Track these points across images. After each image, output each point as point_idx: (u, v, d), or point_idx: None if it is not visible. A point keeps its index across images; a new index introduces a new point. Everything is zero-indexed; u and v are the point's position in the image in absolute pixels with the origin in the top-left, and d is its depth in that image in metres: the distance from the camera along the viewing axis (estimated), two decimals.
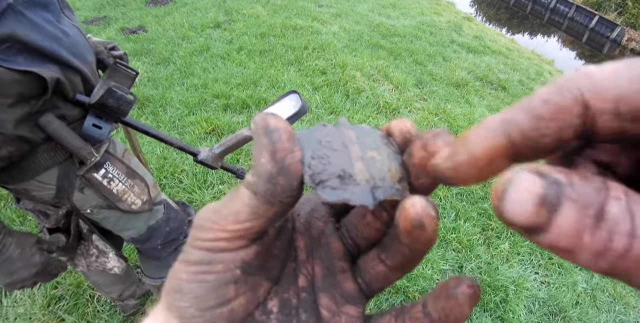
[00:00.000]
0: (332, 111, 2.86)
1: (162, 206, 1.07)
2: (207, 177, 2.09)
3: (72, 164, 0.87)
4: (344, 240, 0.24)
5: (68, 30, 0.80)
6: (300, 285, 0.23)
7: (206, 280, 0.19)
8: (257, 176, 0.18)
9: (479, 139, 0.15)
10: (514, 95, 3.99)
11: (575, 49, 10.53)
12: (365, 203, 0.18)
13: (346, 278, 0.23)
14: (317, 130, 0.22)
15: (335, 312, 0.22)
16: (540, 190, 0.12)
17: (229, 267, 0.20)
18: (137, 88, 2.82)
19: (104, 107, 0.83)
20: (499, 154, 0.14)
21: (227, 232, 0.19)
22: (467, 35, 5.35)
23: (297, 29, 4.11)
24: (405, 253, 0.21)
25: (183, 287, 0.20)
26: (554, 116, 0.13)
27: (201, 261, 0.19)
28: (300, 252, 0.24)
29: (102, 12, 4.35)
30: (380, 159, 0.20)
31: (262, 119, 0.19)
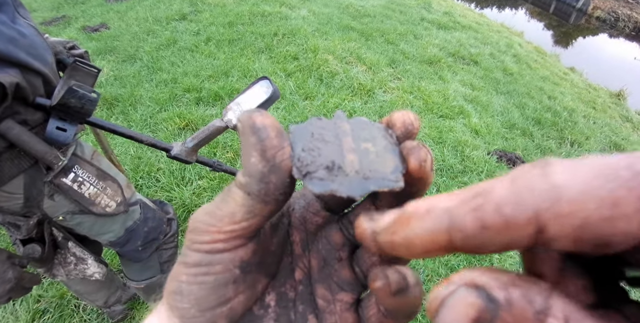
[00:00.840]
0: (306, 96, 2.84)
1: (138, 206, 1.05)
2: (184, 174, 2.05)
3: (38, 171, 0.83)
4: (343, 231, 0.24)
5: (24, 30, 0.76)
6: (296, 279, 0.24)
7: (206, 281, 0.20)
8: (249, 176, 0.18)
9: (420, 229, 0.14)
10: (486, 69, 4.02)
11: (543, 20, 10.66)
12: (352, 194, 0.18)
13: (343, 266, 0.23)
14: (311, 124, 0.21)
15: (330, 300, 0.23)
16: (474, 313, 0.12)
17: (228, 267, 0.20)
18: (104, 88, 2.73)
19: (66, 107, 0.80)
20: (435, 247, 0.14)
21: (224, 233, 0.19)
22: (436, 12, 5.35)
23: (266, 15, 4.02)
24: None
25: (183, 289, 0.20)
26: (501, 232, 0.12)
27: (200, 263, 0.19)
28: (296, 246, 0.24)
29: (60, 11, 4.16)
30: (375, 150, 0.20)
31: (248, 117, 0.18)
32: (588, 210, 0.11)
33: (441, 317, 0.13)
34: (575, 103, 4.10)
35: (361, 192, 0.18)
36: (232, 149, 2.26)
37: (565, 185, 0.11)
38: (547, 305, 0.12)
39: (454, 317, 0.12)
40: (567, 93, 4.30)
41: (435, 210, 0.14)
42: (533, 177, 0.12)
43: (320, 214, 0.24)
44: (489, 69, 4.04)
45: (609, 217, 0.11)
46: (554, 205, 0.11)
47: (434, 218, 0.14)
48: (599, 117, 4.01)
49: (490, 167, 2.52)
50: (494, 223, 0.12)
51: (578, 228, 0.11)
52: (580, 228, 0.11)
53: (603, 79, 5.56)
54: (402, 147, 0.20)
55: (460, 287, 0.13)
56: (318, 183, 0.18)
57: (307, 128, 0.21)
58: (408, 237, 0.14)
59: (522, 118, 3.41)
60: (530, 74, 4.39)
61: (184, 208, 1.88)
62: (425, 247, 0.14)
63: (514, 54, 4.76)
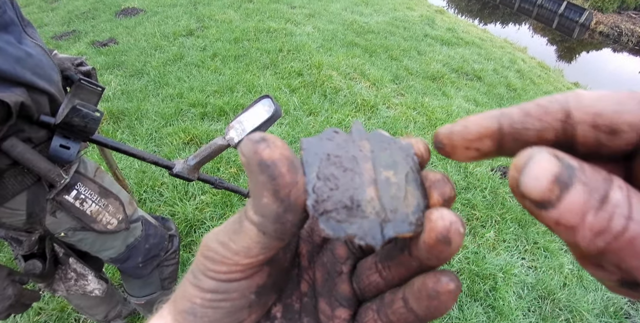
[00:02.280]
0: (310, 112, 2.86)
1: (139, 223, 1.05)
2: (188, 189, 2.06)
3: (41, 188, 0.84)
4: (348, 244, 0.23)
5: (31, 50, 0.78)
6: (302, 290, 0.23)
7: (221, 306, 0.19)
8: (262, 216, 0.17)
9: (477, 119, 0.18)
10: (490, 84, 4.04)
11: (546, 35, 10.74)
12: (371, 243, 0.17)
13: (343, 280, 0.23)
14: (326, 138, 0.19)
15: (329, 316, 0.22)
16: (556, 169, 0.14)
17: (245, 293, 0.20)
18: (111, 102, 2.77)
19: (70, 126, 0.81)
20: (487, 133, 0.17)
21: (241, 266, 0.19)
22: (440, 28, 5.41)
23: (271, 31, 4.09)
24: (412, 266, 0.20)
25: (197, 311, 0.19)
26: (540, 116, 0.16)
27: (217, 290, 0.19)
28: (303, 258, 0.24)
29: (71, 26, 4.26)
30: (396, 181, 0.18)
31: (253, 152, 0.17)
32: (602, 104, 0.15)
33: (526, 172, 0.14)
34: None
35: (382, 240, 0.17)
36: (235, 165, 2.27)
37: (587, 93, 0.16)
38: (610, 176, 0.14)
39: (538, 172, 0.14)
40: None
41: (489, 111, 0.18)
42: (566, 92, 0.16)
43: None
44: (493, 85, 4.06)
45: (617, 110, 0.15)
46: (579, 101, 0.16)
47: (489, 113, 0.18)
48: None
49: (494, 184, 2.51)
50: (535, 111, 0.16)
51: (595, 115, 0.15)
52: (596, 115, 0.15)
53: None
54: (425, 177, 0.19)
55: (542, 151, 0.14)
56: (335, 226, 0.17)
57: (322, 145, 0.19)
58: (466, 125, 0.18)
59: None
60: (534, 89, 4.40)
61: (187, 223, 1.88)
62: (478, 132, 0.17)
63: (517, 70, 4.78)
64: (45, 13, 4.69)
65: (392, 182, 0.18)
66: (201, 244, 0.20)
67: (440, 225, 0.16)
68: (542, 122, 0.16)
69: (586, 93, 0.16)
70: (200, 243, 0.21)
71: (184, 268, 1.70)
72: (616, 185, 0.13)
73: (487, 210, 2.30)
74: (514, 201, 2.45)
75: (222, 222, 1.90)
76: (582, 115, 0.15)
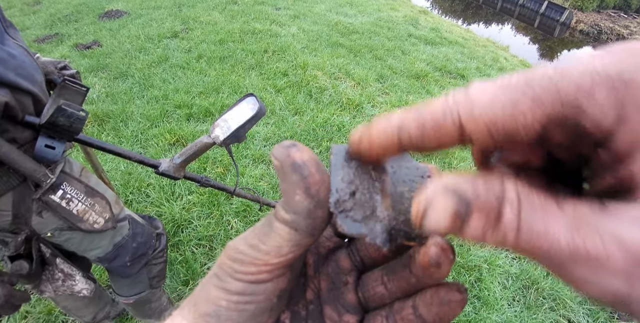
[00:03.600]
0: (296, 112, 2.88)
1: (126, 222, 1.06)
2: (174, 189, 2.07)
3: (27, 188, 0.85)
4: (352, 257, 0.25)
5: (13, 51, 0.79)
6: (308, 298, 0.25)
7: (247, 309, 0.20)
8: (295, 213, 0.19)
9: (379, 131, 0.18)
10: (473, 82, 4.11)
11: (529, 34, 10.94)
12: (379, 244, 0.19)
13: (349, 290, 0.24)
14: None
15: (337, 321, 0.24)
16: (453, 207, 0.15)
17: (269, 297, 0.21)
18: (95, 104, 2.75)
19: (55, 126, 0.82)
20: (390, 147, 0.18)
21: (271, 266, 0.20)
22: (423, 28, 5.48)
23: (256, 33, 4.10)
24: (412, 282, 0.22)
25: (221, 314, 0.20)
26: (435, 132, 0.16)
27: (244, 292, 0.20)
28: (309, 267, 0.25)
29: (53, 29, 4.21)
30: (409, 197, 0.20)
31: (286, 155, 0.19)
32: (494, 113, 0.15)
33: (429, 219, 0.15)
34: None
35: (389, 244, 0.19)
36: (222, 164, 2.28)
37: (478, 94, 0.16)
38: (502, 188, 0.15)
39: (438, 216, 0.15)
40: None
41: (391, 118, 0.18)
42: (458, 93, 0.16)
43: (332, 239, 0.26)
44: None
45: (511, 114, 0.15)
46: (470, 110, 0.16)
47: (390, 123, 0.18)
48: None
49: None
50: (430, 127, 0.16)
51: (489, 124, 0.15)
52: (490, 124, 0.15)
53: None
54: None
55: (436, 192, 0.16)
56: (351, 225, 0.19)
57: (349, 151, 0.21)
58: (371, 136, 0.19)
59: None
60: None
61: (174, 223, 1.89)
62: (381, 145, 0.18)
63: (499, 68, 4.87)
64: (27, 16, 4.63)
65: (406, 197, 0.20)
66: (226, 248, 0.21)
67: (433, 251, 0.19)
68: (438, 137, 0.17)
69: (478, 93, 0.16)
70: (224, 247, 0.22)
71: (171, 267, 1.71)
72: (507, 201, 0.15)
73: None
74: None
75: (209, 221, 1.91)
76: (475, 127, 0.16)
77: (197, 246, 1.83)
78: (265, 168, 2.33)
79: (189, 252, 1.79)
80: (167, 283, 1.64)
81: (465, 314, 1.75)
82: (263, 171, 2.29)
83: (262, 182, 2.21)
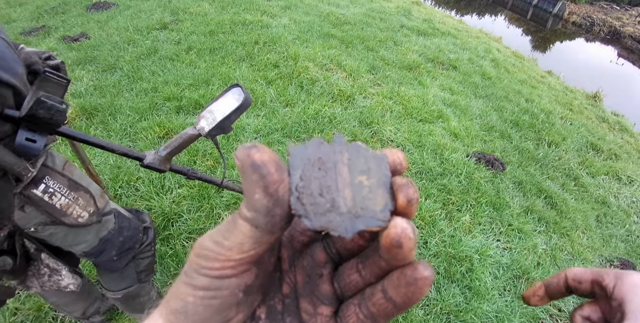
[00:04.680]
0: (287, 103, 2.86)
1: (112, 216, 1.05)
2: (164, 182, 2.05)
3: (7, 182, 0.83)
4: (327, 250, 0.26)
5: None
6: (284, 292, 0.25)
7: (212, 304, 0.21)
8: (255, 211, 0.20)
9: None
10: (465, 73, 4.11)
11: (521, 25, 10.92)
12: (343, 234, 0.19)
13: (324, 281, 0.25)
14: (311, 146, 0.22)
15: (312, 314, 0.24)
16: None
17: (234, 291, 0.21)
18: (83, 98, 2.71)
19: (35, 118, 0.80)
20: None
21: (233, 261, 0.20)
22: (416, 19, 5.45)
23: (247, 24, 4.05)
24: (382, 266, 0.22)
25: (189, 309, 0.21)
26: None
27: (209, 287, 0.21)
28: (284, 262, 0.26)
29: (40, 21, 4.13)
30: (368, 185, 0.21)
31: (246, 155, 0.19)
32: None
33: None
34: (553, 105, 4.20)
35: (352, 231, 0.19)
36: (212, 157, 2.27)
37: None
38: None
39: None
40: (545, 95, 4.41)
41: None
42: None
43: (306, 233, 0.26)
44: (468, 74, 4.13)
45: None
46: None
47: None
48: (576, 118, 4.12)
49: (469, 169, 2.57)
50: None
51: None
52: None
53: (580, 82, 5.72)
54: (393, 182, 0.22)
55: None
56: (313, 219, 0.19)
57: (307, 151, 0.22)
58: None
59: (501, 121, 3.49)
60: (509, 77, 4.49)
61: (164, 216, 1.87)
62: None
63: (492, 59, 4.87)
64: (13, 8, 4.53)
65: (364, 185, 0.21)
66: (194, 246, 0.22)
67: (393, 232, 0.19)
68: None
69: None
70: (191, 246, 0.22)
71: (162, 261, 1.70)
72: None
73: (463, 195, 2.36)
74: (488, 185, 2.52)
75: (199, 214, 1.90)
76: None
77: (187, 239, 1.82)
78: None
79: (179, 246, 1.78)
80: (157, 277, 1.63)
81: (456, 304, 1.77)
82: None
83: None
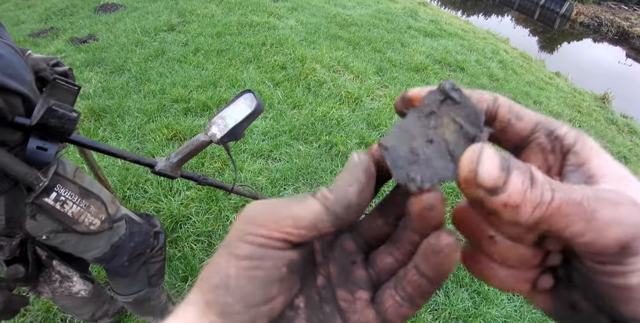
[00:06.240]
0: (294, 105, 2.86)
1: (123, 221, 1.05)
2: (172, 185, 2.05)
3: (19, 192, 0.83)
4: (356, 240, 0.26)
5: (1, 50, 0.76)
6: (319, 284, 0.25)
7: (256, 276, 0.20)
8: (337, 197, 0.20)
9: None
10: (473, 75, 4.08)
11: (529, 26, 10.86)
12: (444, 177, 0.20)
13: (358, 267, 0.25)
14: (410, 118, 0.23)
15: (350, 300, 0.24)
16: (499, 160, 0.17)
17: (277, 264, 0.20)
18: (91, 99, 2.72)
19: (46, 127, 0.80)
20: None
21: (281, 233, 0.20)
22: (423, 20, 5.42)
23: (254, 25, 4.05)
24: (415, 240, 0.23)
25: (231, 283, 0.19)
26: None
27: (252, 256, 0.20)
28: (317, 254, 0.26)
29: (48, 23, 4.15)
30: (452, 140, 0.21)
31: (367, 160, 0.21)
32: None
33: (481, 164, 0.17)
34: (561, 107, 4.17)
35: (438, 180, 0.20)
36: (220, 159, 2.27)
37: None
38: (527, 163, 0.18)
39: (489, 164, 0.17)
40: (553, 97, 4.38)
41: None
42: None
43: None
44: (476, 75, 4.10)
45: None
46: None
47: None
48: (585, 120, 4.09)
49: None
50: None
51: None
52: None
53: (588, 83, 5.68)
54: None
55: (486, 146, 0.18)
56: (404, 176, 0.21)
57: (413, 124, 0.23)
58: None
59: None
60: (516, 79, 4.46)
61: (172, 219, 1.88)
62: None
63: (499, 60, 4.84)
64: (22, 10, 4.57)
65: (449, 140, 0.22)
66: (242, 213, 0.21)
67: (425, 195, 0.20)
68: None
69: None
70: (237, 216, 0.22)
71: (170, 264, 1.70)
72: (534, 168, 0.17)
73: None
74: None
75: (207, 217, 1.90)
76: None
77: (195, 242, 1.82)
78: (264, 163, 2.31)
79: (188, 248, 1.78)
80: (165, 280, 1.63)
81: (465, 309, 1.75)
82: (262, 166, 2.28)
83: (260, 177, 2.19)
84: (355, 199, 0.20)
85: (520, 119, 0.22)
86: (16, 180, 0.80)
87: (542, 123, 0.22)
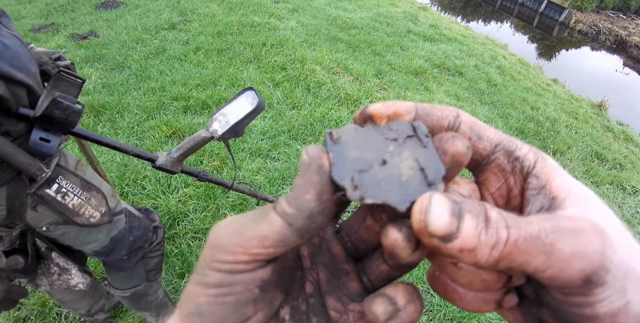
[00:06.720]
0: (294, 106, 2.87)
1: (123, 215, 1.05)
2: (170, 181, 2.05)
3: (21, 182, 0.83)
4: (343, 244, 0.25)
5: (7, 41, 0.77)
6: (307, 292, 0.24)
7: (226, 302, 0.19)
8: (297, 210, 0.19)
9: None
10: (471, 80, 4.11)
11: (527, 33, 10.92)
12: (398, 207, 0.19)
13: (351, 278, 0.24)
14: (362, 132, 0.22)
15: (342, 311, 0.23)
16: (450, 206, 0.16)
17: (248, 287, 0.20)
18: (91, 95, 2.73)
19: (50, 119, 0.80)
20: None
21: (249, 255, 0.19)
22: (423, 25, 5.46)
23: (254, 26, 4.07)
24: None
25: (203, 310, 0.19)
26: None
27: (221, 283, 0.19)
28: (305, 259, 0.25)
29: (49, 19, 4.15)
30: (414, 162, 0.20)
31: (318, 156, 0.19)
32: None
33: (431, 213, 0.17)
34: (558, 113, 4.20)
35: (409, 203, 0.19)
36: (218, 157, 2.27)
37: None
38: (481, 201, 0.18)
39: (439, 211, 0.16)
40: (550, 104, 4.41)
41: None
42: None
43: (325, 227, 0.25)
44: (474, 80, 4.13)
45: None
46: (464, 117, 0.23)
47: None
48: (581, 127, 4.12)
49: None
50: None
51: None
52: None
53: (585, 90, 5.72)
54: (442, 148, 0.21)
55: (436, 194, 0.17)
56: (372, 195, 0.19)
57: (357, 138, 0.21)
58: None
59: (506, 128, 3.49)
60: (514, 85, 4.50)
61: (170, 215, 1.88)
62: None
63: (498, 66, 4.87)
64: (23, 5, 4.57)
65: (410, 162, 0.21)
66: (209, 237, 0.20)
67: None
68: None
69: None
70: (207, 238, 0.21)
71: (167, 260, 1.70)
72: (488, 207, 0.17)
73: None
74: None
75: (205, 214, 1.91)
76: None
77: (193, 239, 1.82)
78: (262, 162, 2.32)
79: (185, 245, 1.79)
80: (162, 276, 1.63)
81: (460, 310, 1.76)
82: (260, 165, 2.29)
83: (259, 176, 2.20)
84: (316, 207, 0.19)
85: (480, 137, 0.22)
86: (18, 170, 0.80)
87: (502, 143, 0.22)
